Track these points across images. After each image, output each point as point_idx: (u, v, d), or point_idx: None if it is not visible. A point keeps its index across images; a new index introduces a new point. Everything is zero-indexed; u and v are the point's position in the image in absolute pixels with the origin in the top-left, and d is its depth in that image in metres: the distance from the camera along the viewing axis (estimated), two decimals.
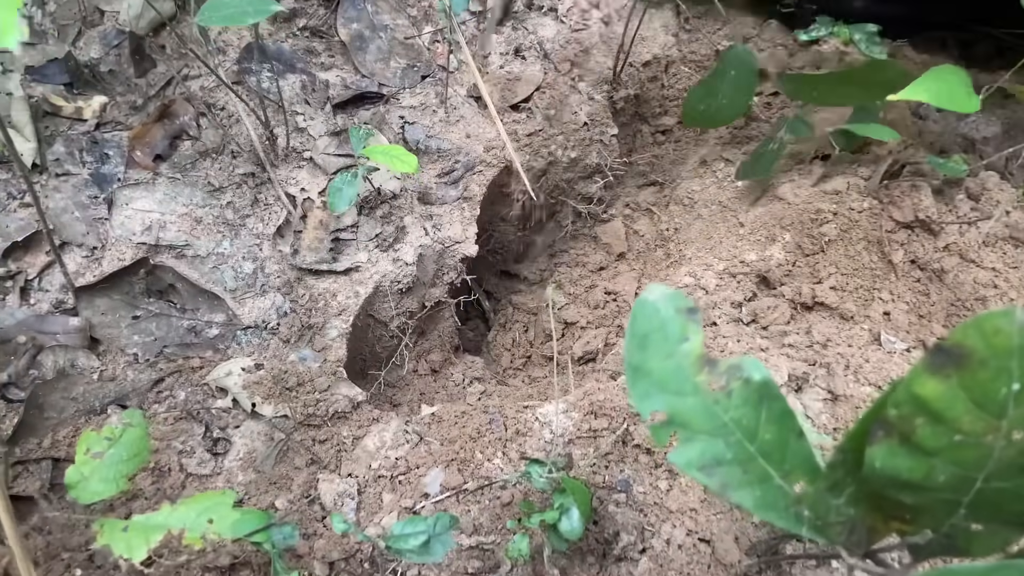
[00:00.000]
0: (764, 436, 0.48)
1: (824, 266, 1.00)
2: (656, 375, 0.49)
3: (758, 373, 0.48)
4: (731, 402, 0.48)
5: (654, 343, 0.49)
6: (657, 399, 0.49)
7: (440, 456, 0.83)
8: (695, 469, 0.49)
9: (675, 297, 0.49)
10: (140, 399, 0.87)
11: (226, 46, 1.07)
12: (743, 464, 0.49)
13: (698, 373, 0.48)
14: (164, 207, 0.95)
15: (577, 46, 1.16)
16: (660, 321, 0.49)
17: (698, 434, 0.49)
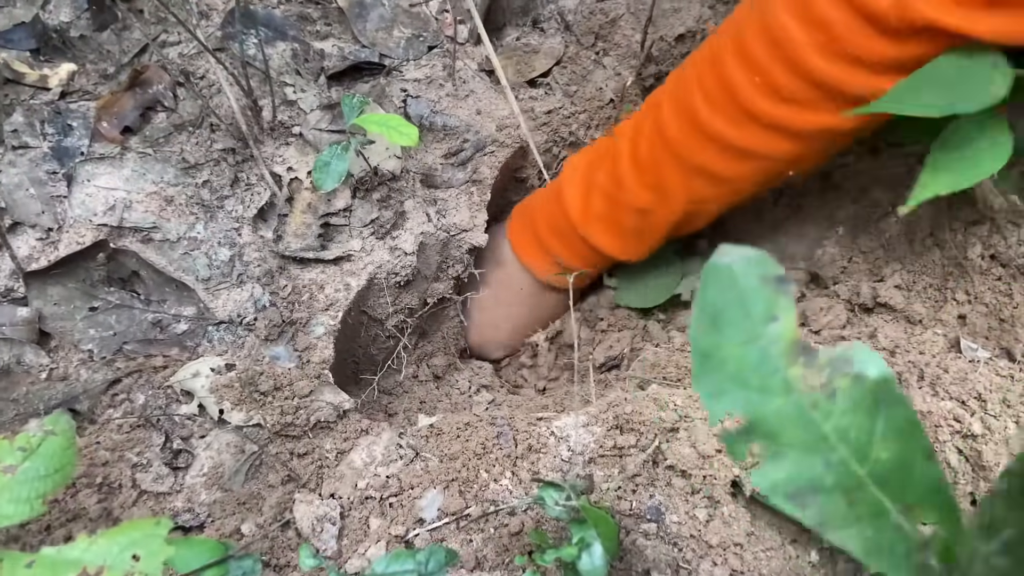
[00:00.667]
0: (879, 455, 0.35)
1: (886, 262, 0.87)
2: (732, 365, 0.35)
3: (874, 367, 0.35)
4: (835, 406, 0.35)
5: (730, 322, 0.35)
6: (733, 398, 0.36)
7: (439, 475, 0.70)
8: (783, 497, 0.35)
9: (759, 261, 0.36)
10: (92, 402, 0.75)
11: (210, 10, 0.96)
12: (849, 492, 0.35)
13: (790, 365, 0.35)
14: (131, 185, 0.83)
15: (602, 17, 1.04)
16: (738, 293, 0.35)
17: (788, 448, 0.35)
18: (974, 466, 0.65)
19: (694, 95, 0.77)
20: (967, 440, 0.66)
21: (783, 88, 0.70)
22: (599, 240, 0.90)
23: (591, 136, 1.02)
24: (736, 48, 0.74)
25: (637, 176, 0.84)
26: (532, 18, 1.05)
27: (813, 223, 0.93)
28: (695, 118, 0.77)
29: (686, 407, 0.72)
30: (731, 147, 0.76)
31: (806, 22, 0.67)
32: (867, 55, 0.65)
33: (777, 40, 0.69)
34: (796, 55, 0.68)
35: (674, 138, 0.80)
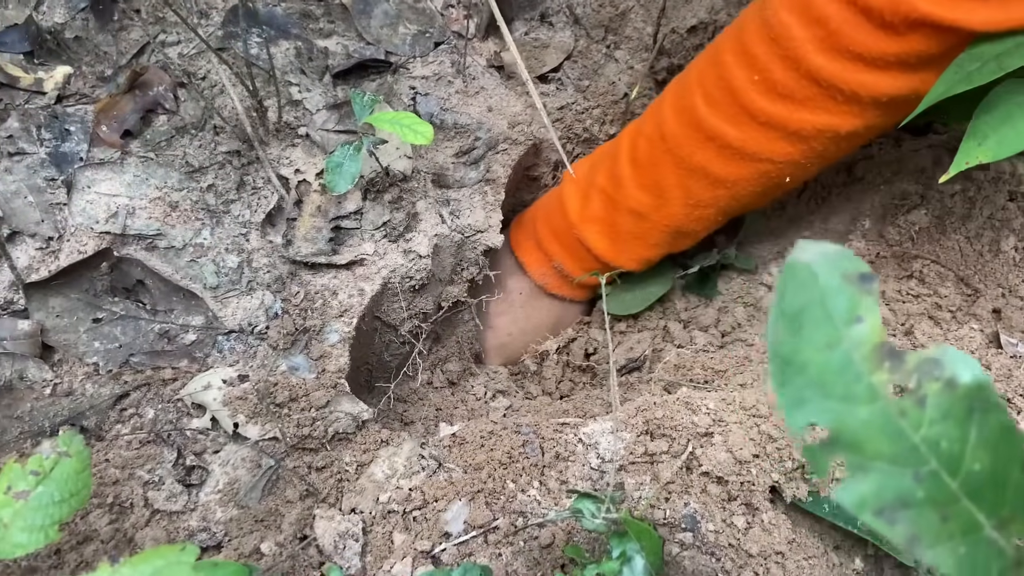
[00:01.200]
0: (972, 466, 0.32)
1: (915, 256, 0.84)
2: (814, 371, 0.33)
3: (967, 371, 0.32)
4: (924, 414, 0.32)
5: (811, 324, 0.32)
6: (815, 407, 0.33)
7: (463, 486, 0.67)
8: (871, 512, 0.32)
9: (841, 257, 0.33)
10: (100, 418, 0.72)
11: (210, 8, 0.92)
12: (941, 507, 0.32)
13: (875, 370, 0.32)
14: (133, 190, 0.80)
15: (612, 9, 1.02)
16: (819, 292, 0.32)
17: (875, 461, 0.32)
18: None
19: (694, 94, 0.77)
20: (1010, 413, 0.63)
21: (781, 85, 0.70)
22: (594, 242, 0.89)
23: (606, 132, 0.99)
24: (736, 47, 0.73)
25: (635, 176, 0.83)
26: (540, 12, 1.02)
27: (838, 217, 0.91)
28: (694, 116, 0.77)
29: (720, 411, 0.69)
30: (729, 147, 0.75)
31: (805, 19, 0.67)
32: (866, 51, 0.65)
33: (777, 37, 0.69)
34: (795, 52, 0.68)
35: (673, 137, 0.79)
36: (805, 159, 0.74)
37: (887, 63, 0.65)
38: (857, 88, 0.67)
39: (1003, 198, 0.81)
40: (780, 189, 0.80)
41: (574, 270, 0.93)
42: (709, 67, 0.77)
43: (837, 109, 0.69)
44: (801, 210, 0.95)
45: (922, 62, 0.65)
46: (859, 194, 0.90)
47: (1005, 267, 0.79)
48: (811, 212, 0.94)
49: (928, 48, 0.63)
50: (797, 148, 0.73)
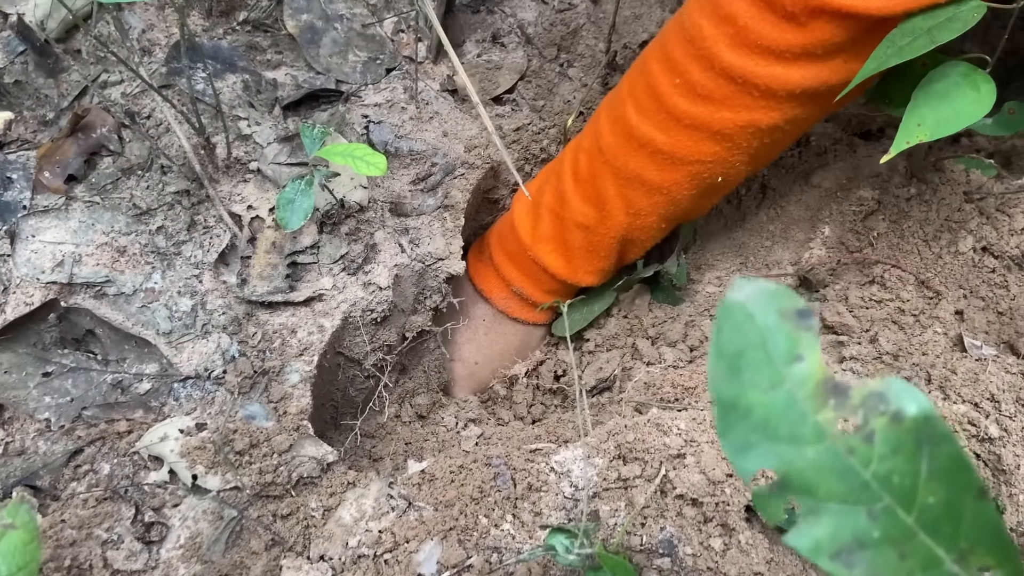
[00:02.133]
0: (926, 499, 0.31)
1: (875, 262, 0.84)
2: (758, 415, 0.32)
3: (913, 403, 0.31)
4: (874, 450, 0.31)
5: (751, 366, 0.31)
6: (762, 451, 0.32)
7: (435, 525, 0.66)
8: (827, 557, 0.32)
9: (777, 295, 0.32)
10: (54, 476, 0.69)
11: (152, 45, 0.90)
12: (899, 544, 0.31)
13: (820, 408, 0.31)
14: (79, 237, 0.78)
15: (563, 28, 1.01)
16: (758, 333, 0.32)
17: (827, 502, 0.31)
18: (994, 470, 0.62)
19: (626, 103, 0.78)
20: (984, 444, 0.63)
21: (700, 86, 0.71)
22: (549, 262, 0.88)
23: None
24: (660, 53, 0.75)
25: (578, 190, 0.83)
26: (492, 33, 1.01)
27: (798, 226, 0.91)
28: (626, 126, 0.78)
29: (691, 431, 0.68)
30: (660, 152, 0.76)
31: (715, 17, 0.69)
32: (774, 44, 0.66)
33: (692, 39, 0.71)
34: (709, 51, 0.69)
35: (609, 148, 0.80)
36: (733, 157, 0.75)
37: (795, 55, 0.67)
38: (770, 82, 0.68)
39: (959, 200, 0.81)
40: (716, 191, 0.81)
41: (534, 293, 0.92)
42: (638, 76, 0.78)
43: (755, 104, 0.70)
44: (761, 219, 0.95)
45: (828, 51, 0.66)
46: (817, 202, 0.90)
47: (965, 268, 0.79)
48: (770, 221, 0.93)
49: (832, 36, 0.64)
50: (723, 147, 0.74)
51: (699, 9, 0.70)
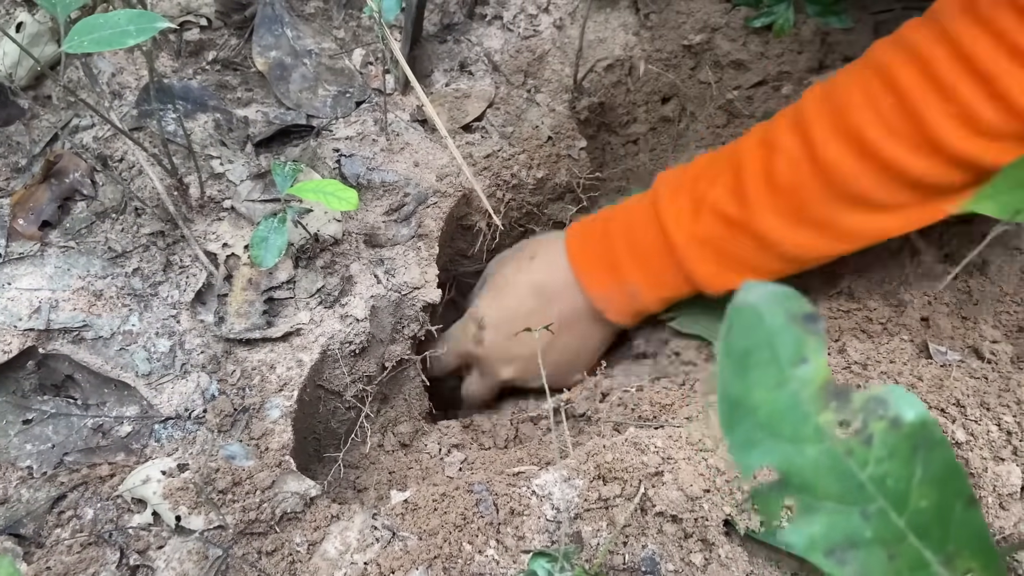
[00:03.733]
0: (918, 503, 0.33)
1: (840, 274, 0.86)
2: (763, 413, 0.33)
3: (911, 410, 0.32)
4: (871, 453, 0.32)
5: (759, 366, 0.33)
6: (765, 448, 0.33)
7: (419, 554, 0.66)
8: (820, 553, 0.33)
9: (786, 298, 0.33)
10: (38, 524, 0.69)
11: (122, 88, 0.91)
12: (889, 545, 0.33)
13: (822, 410, 0.32)
14: (56, 283, 0.78)
15: (529, 54, 1.03)
16: (766, 333, 0.33)
17: (823, 501, 0.33)
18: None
19: (863, 119, 0.71)
20: (952, 449, 0.64)
21: (983, 123, 0.66)
22: (697, 265, 0.80)
23: (533, 176, 1.00)
24: (923, 78, 0.69)
25: (770, 198, 0.75)
26: (459, 62, 1.03)
27: None
28: (863, 143, 0.71)
29: (668, 448, 0.69)
30: (902, 175, 0.70)
31: (1015, 57, 0.64)
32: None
33: (984, 73, 0.65)
34: (1005, 91, 0.64)
35: (831, 160, 0.72)
36: (958, 195, 0.71)
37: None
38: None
39: None
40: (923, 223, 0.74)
41: (649, 295, 0.85)
42: (882, 93, 0.71)
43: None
44: None
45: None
46: None
47: (928, 275, 0.81)
48: None
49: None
50: (974, 178, 0.70)
51: (990, 47, 0.65)
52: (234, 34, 0.99)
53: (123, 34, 0.65)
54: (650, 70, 1.06)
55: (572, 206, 1.07)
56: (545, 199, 1.05)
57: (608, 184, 1.13)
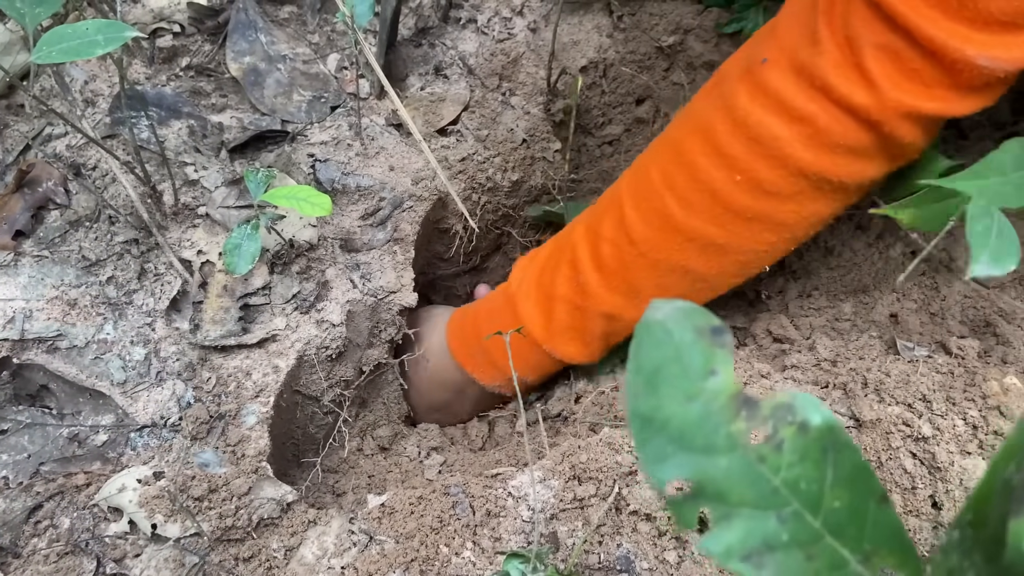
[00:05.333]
0: (832, 504, 0.34)
1: (807, 274, 0.87)
2: (674, 427, 0.33)
3: (816, 415, 0.33)
4: (782, 458, 0.33)
5: (668, 381, 0.33)
6: (678, 461, 0.33)
7: (396, 558, 0.67)
8: (738, 560, 0.34)
9: (693, 313, 0.34)
10: (14, 534, 0.69)
11: (95, 96, 0.91)
12: (805, 546, 0.34)
13: (733, 420, 0.33)
14: (29, 292, 0.78)
15: (504, 57, 1.04)
16: (674, 349, 0.33)
17: (738, 508, 0.33)
18: (929, 468, 0.65)
19: (663, 196, 0.76)
20: (919, 443, 0.66)
21: (768, 183, 0.70)
22: (565, 351, 0.86)
23: (508, 179, 1.01)
24: (708, 148, 0.72)
25: (604, 281, 0.81)
26: (434, 66, 1.04)
27: None
28: (670, 220, 0.75)
29: None
30: (712, 245, 0.75)
31: (787, 117, 0.67)
32: (855, 143, 0.66)
33: (758, 137, 0.69)
34: (781, 151, 0.68)
35: (646, 241, 0.77)
36: (786, 245, 0.75)
37: (876, 150, 0.67)
38: (845, 177, 0.68)
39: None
40: (754, 275, 0.79)
41: (535, 376, 0.91)
42: (675, 168, 0.75)
43: (823, 197, 0.70)
44: None
45: (906, 152, 0.67)
46: None
47: (896, 272, 0.82)
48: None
49: (915, 139, 0.65)
50: (781, 236, 0.73)
51: (762, 108, 0.68)
52: (208, 40, 0.99)
53: (92, 44, 0.65)
54: (623, 72, 1.07)
55: (549, 208, 1.08)
56: (521, 201, 1.06)
57: (584, 186, 1.14)
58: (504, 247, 1.13)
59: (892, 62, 0.62)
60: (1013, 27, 0.57)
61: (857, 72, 0.64)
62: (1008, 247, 0.59)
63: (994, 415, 0.67)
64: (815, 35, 0.66)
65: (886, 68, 0.62)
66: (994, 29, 0.58)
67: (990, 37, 0.58)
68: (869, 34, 0.62)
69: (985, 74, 0.59)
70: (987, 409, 0.67)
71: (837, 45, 0.65)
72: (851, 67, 0.64)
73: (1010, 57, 0.58)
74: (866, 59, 0.63)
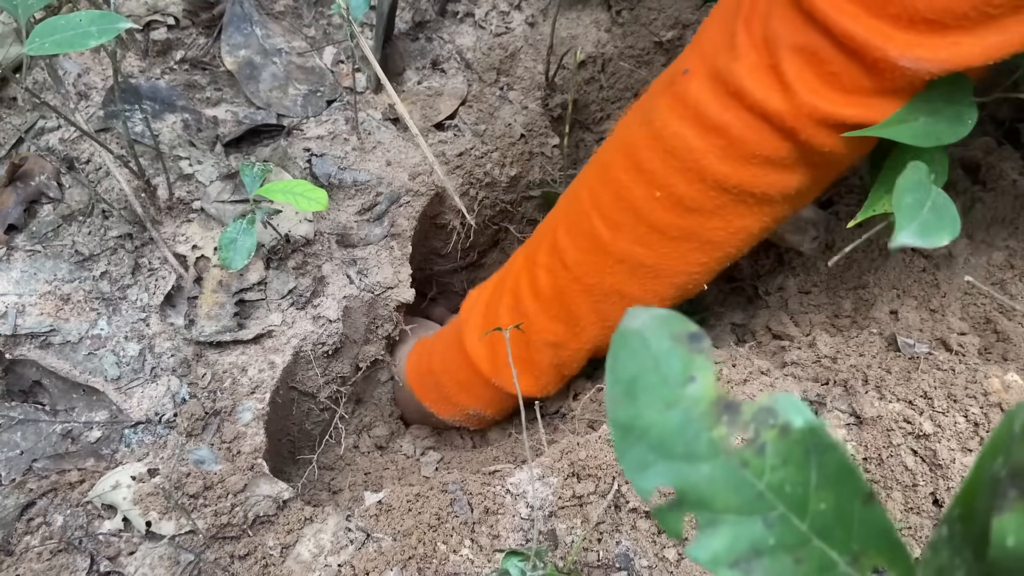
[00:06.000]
0: (818, 506, 0.33)
1: (806, 271, 0.87)
2: (654, 435, 0.33)
3: (799, 416, 0.33)
4: (766, 462, 0.33)
5: (647, 389, 0.33)
6: (659, 469, 0.33)
7: (394, 555, 0.66)
8: (726, 567, 0.33)
9: (669, 320, 0.33)
10: (7, 531, 0.68)
11: (89, 89, 0.90)
12: (793, 550, 0.33)
13: (714, 426, 0.33)
14: (22, 287, 0.77)
15: (502, 52, 1.03)
16: (652, 357, 0.33)
17: (723, 514, 0.33)
18: (931, 465, 0.65)
19: (591, 217, 0.73)
20: (920, 440, 0.65)
21: (687, 198, 0.67)
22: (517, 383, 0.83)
23: (506, 174, 1.00)
24: (629, 164, 0.70)
25: (543, 309, 0.79)
26: (431, 60, 1.03)
27: None
28: (598, 242, 0.73)
29: None
30: (642, 266, 0.72)
31: (701, 128, 0.64)
32: (772, 153, 0.62)
33: (673, 150, 0.66)
34: (697, 163, 0.65)
35: (578, 265, 0.75)
36: (718, 264, 0.72)
37: (793, 160, 0.63)
38: (767, 189, 0.64)
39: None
40: (693, 294, 0.76)
41: (494, 413, 0.90)
42: (601, 187, 0.73)
43: (749, 212, 0.67)
44: None
45: (827, 160, 0.63)
46: None
47: (897, 268, 0.82)
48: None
49: (834, 146, 0.61)
50: (711, 256, 0.71)
51: (679, 119, 0.65)
52: (202, 33, 0.98)
53: (85, 35, 0.64)
54: (622, 67, 1.06)
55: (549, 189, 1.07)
56: (519, 197, 1.05)
57: None
58: (502, 243, 1.12)
59: (809, 64, 0.58)
60: (940, 26, 0.53)
61: (772, 75, 0.59)
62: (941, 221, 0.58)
63: (995, 412, 0.66)
64: (733, 39, 0.62)
65: (802, 71, 0.58)
66: (920, 28, 0.53)
67: (915, 37, 0.53)
68: (788, 34, 0.58)
69: (908, 76, 0.55)
70: (988, 406, 0.67)
71: (754, 47, 0.60)
72: (766, 70, 0.60)
73: (935, 58, 0.53)
74: (782, 61, 0.58)
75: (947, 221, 0.57)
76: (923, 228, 0.56)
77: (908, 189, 0.58)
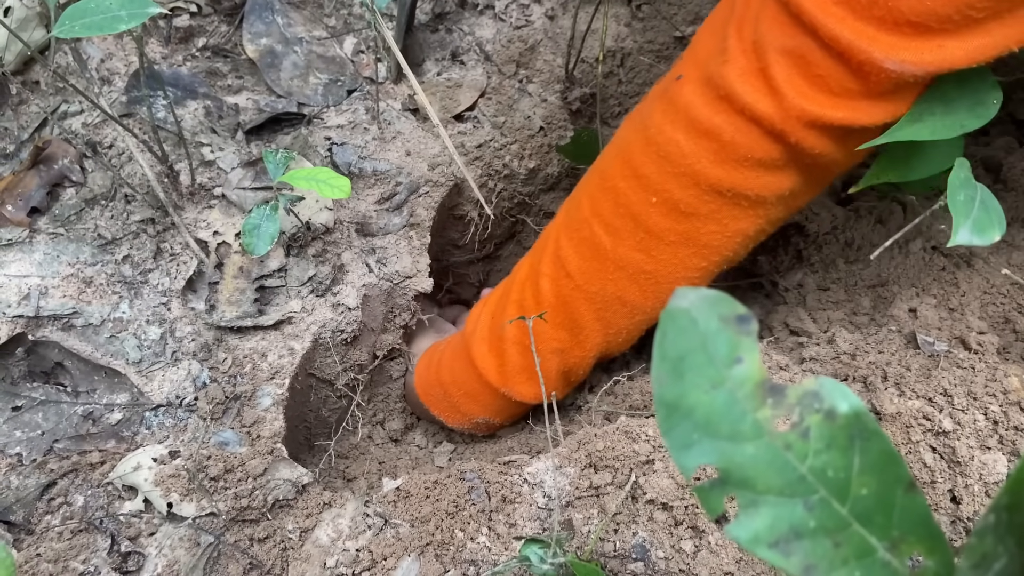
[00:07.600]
0: (859, 491, 0.33)
1: (825, 267, 0.87)
2: (700, 414, 0.33)
3: (844, 401, 0.33)
4: (809, 446, 0.33)
5: (694, 368, 0.33)
6: (703, 448, 0.33)
7: (412, 541, 0.66)
8: (765, 547, 0.33)
9: (718, 301, 0.33)
10: (28, 511, 0.69)
11: (111, 74, 0.90)
12: (833, 534, 0.33)
13: (759, 407, 0.33)
14: (45, 269, 0.77)
15: (521, 44, 1.03)
16: (700, 337, 0.33)
17: (765, 495, 0.33)
18: (949, 463, 0.65)
19: (591, 224, 0.74)
20: (939, 437, 0.65)
21: (682, 203, 0.67)
22: (524, 392, 0.83)
23: (525, 166, 1.00)
24: (626, 170, 0.71)
25: (547, 317, 0.79)
26: (451, 51, 1.03)
27: None
28: (598, 249, 0.74)
29: (659, 437, 0.70)
30: (643, 273, 0.73)
31: (693, 132, 0.65)
32: (763, 155, 0.63)
33: (667, 155, 0.66)
34: (690, 168, 0.65)
35: (580, 272, 0.76)
36: (716, 267, 0.73)
37: (784, 161, 0.63)
38: (760, 191, 0.65)
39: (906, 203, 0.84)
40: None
41: (503, 420, 0.90)
42: (600, 194, 0.73)
43: (744, 214, 0.67)
44: None
45: (819, 161, 0.63)
46: None
47: (916, 266, 0.82)
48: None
49: (824, 148, 0.61)
50: (710, 260, 0.71)
51: (672, 124, 0.66)
52: (224, 21, 0.99)
53: (114, 19, 0.64)
54: (641, 61, 1.06)
55: (565, 195, 1.07)
56: (537, 189, 1.05)
57: None
58: (519, 235, 1.13)
59: (797, 67, 0.58)
60: (924, 29, 0.53)
61: (761, 79, 0.60)
62: (991, 218, 0.58)
63: (1015, 411, 0.66)
64: (724, 43, 0.63)
65: (790, 74, 0.59)
66: (904, 31, 0.54)
67: (900, 40, 0.54)
68: (776, 37, 0.59)
69: (893, 79, 0.55)
70: (1008, 404, 0.67)
71: (744, 51, 0.61)
72: (755, 74, 0.60)
73: (919, 61, 0.54)
74: (771, 65, 0.59)
75: (995, 217, 0.57)
76: (976, 226, 0.57)
77: (960, 187, 0.58)
